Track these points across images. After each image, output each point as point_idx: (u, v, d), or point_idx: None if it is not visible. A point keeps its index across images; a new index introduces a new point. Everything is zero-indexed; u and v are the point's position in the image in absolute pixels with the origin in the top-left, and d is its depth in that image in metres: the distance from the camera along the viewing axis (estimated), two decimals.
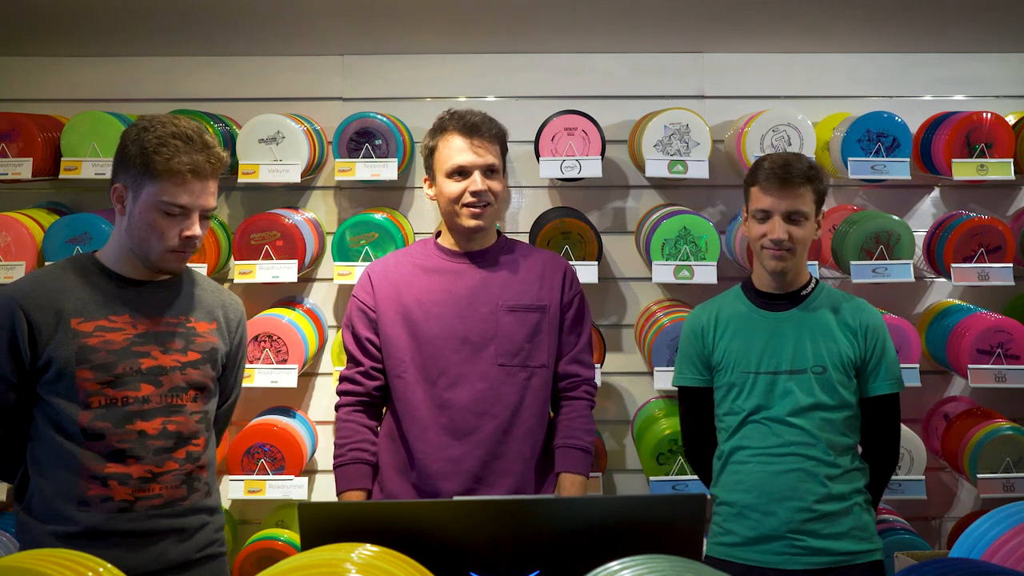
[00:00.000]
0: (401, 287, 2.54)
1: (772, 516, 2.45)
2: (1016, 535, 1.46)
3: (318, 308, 3.48)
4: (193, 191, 2.08)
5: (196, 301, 2.25)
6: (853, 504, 2.47)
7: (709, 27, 3.32)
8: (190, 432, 2.17)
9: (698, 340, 2.61)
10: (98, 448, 2.07)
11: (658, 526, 1.64)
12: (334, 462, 2.54)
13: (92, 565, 1.33)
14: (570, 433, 2.56)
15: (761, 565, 2.44)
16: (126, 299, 2.15)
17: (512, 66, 3.54)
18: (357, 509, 1.72)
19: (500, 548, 1.57)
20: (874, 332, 2.53)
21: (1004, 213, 3.54)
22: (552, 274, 2.59)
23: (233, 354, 2.33)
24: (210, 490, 2.23)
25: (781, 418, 2.47)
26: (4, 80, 3.52)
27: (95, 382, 2.07)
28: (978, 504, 3.51)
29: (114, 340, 2.10)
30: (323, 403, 3.52)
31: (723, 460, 2.56)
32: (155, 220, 2.08)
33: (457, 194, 2.49)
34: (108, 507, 2.07)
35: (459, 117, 2.52)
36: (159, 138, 2.06)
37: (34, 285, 2.12)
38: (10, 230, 3.11)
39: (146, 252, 2.12)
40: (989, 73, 3.59)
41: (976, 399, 3.47)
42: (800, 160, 2.51)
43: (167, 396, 2.14)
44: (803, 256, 2.54)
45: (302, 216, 3.37)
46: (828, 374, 2.48)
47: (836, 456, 2.46)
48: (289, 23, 3.23)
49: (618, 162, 3.53)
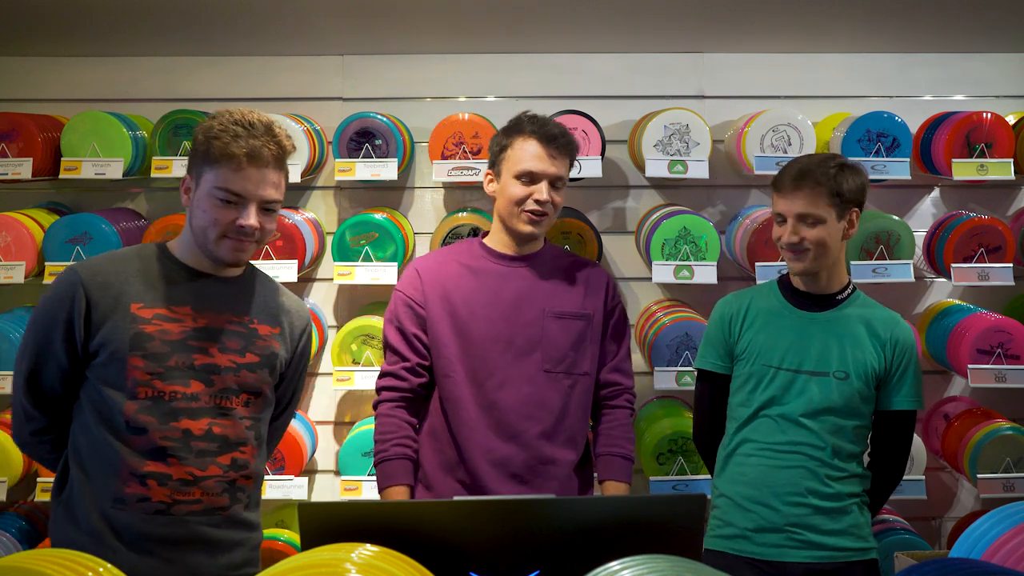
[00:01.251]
0: (449, 286, 2.54)
1: (771, 509, 2.46)
2: (1016, 535, 1.46)
3: (318, 308, 3.48)
4: (249, 178, 2.01)
5: (262, 303, 2.18)
6: (851, 503, 2.49)
7: (709, 27, 3.32)
8: (237, 438, 2.09)
9: (725, 327, 2.61)
10: (140, 444, 2.00)
11: (658, 526, 1.64)
12: (376, 458, 2.52)
13: (92, 565, 1.33)
14: (613, 441, 2.59)
15: (759, 557, 2.46)
16: (191, 291, 2.09)
17: (512, 66, 3.54)
18: (357, 509, 1.72)
19: (500, 548, 1.57)
20: (903, 348, 2.52)
21: (1004, 213, 3.54)
22: (596, 283, 2.62)
23: (295, 363, 2.25)
24: (251, 503, 2.15)
25: (792, 416, 2.47)
26: (4, 80, 3.52)
27: (145, 371, 2.00)
28: (978, 504, 3.51)
29: (171, 331, 2.04)
30: (323, 403, 3.52)
31: (728, 452, 2.57)
32: (211, 208, 2.02)
33: (521, 197, 2.50)
34: (144, 508, 2.00)
35: (540, 123, 2.53)
36: (221, 125, 2.03)
37: (101, 263, 2.07)
38: (10, 230, 3.11)
39: (203, 242, 2.06)
40: (989, 73, 3.59)
41: (976, 399, 3.47)
42: (824, 162, 2.48)
43: (217, 396, 2.06)
44: (830, 259, 2.51)
45: (302, 216, 3.37)
46: (850, 381, 2.47)
47: (841, 461, 2.47)
48: (289, 23, 3.23)
49: (618, 162, 3.53)
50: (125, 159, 3.17)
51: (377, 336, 3.20)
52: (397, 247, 3.22)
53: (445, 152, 3.24)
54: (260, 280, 2.23)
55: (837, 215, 2.47)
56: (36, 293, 3.35)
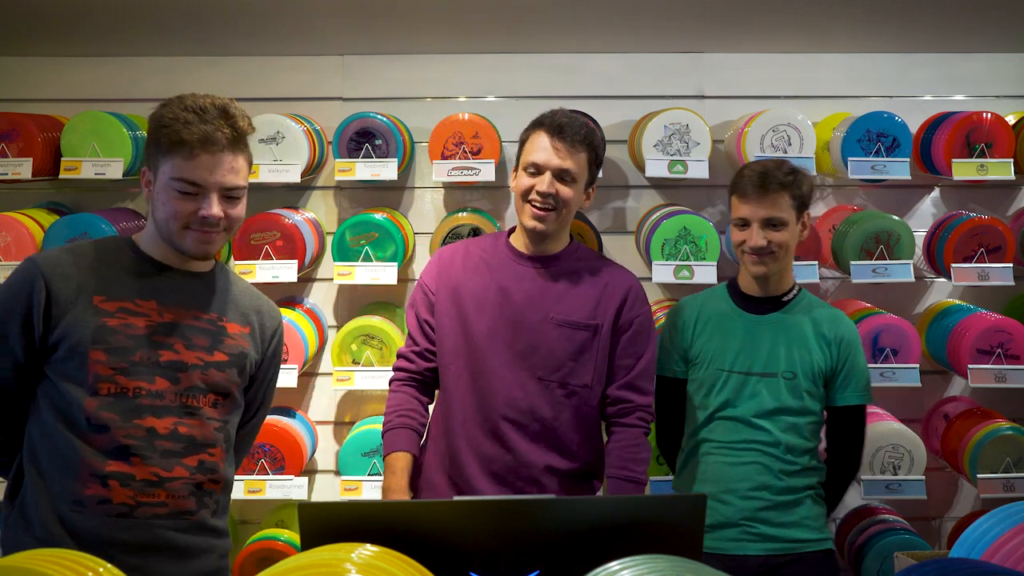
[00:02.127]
0: (461, 279, 2.54)
1: (727, 504, 2.54)
2: (1016, 535, 1.46)
3: (318, 308, 3.48)
4: (204, 165, 1.91)
5: (232, 301, 2.09)
6: (805, 496, 2.57)
7: (709, 27, 3.32)
8: (205, 439, 1.99)
9: (678, 333, 2.69)
10: (101, 442, 1.90)
11: (658, 526, 1.64)
12: (382, 429, 2.54)
13: (92, 565, 1.33)
14: (621, 464, 2.47)
15: (717, 552, 2.51)
16: (157, 285, 2.00)
17: (512, 66, 3.54)
18: (357, 509, 1.71)
19: (500, 548, 1.57)
20: (847, 344, 2.60)
21: (1004, 213, 3.54)
22: (613, 292, 2.51)
23: (265, 365, 2.16)
24: (219, 510, 2.05)
25: (745, 418, 2.56)
26: (4, 80, 3.52)
27: (108, 366, 1.91)
28: (978, 504, 3.50)
29: (136, 324, 1.94)
30: (323, 403, 3.52)
31: (687, 452, 2.66)
32: (170, 200, 1.93)
33: (525, 189, 2.46)
34: (105, 510, 1.89)
35: (552, 115, 2.48)
36: (172, 112, 1.92)
37: (62, 254, 1.98)
38: (10, 230, 3.11)
39: (168, 235, 1.97)
40: (989, 73, 3.59)
41: (976, 399, 3.47)
42: (780, 167, 2.55)
43: (183, 395, 1.97)
44: (786, 260, 2.60)
45: (302, 216, 3.37)
46: (797, 380, 2.56)
47: (794, 457, 2.56)
48: (289, 23, 3.23)
49: (618, 162, 3.53)
50: (125, 159, 3.17)
51: (377, 336, 3.21)
52: (397, 247, 3.22)
53: (445, 152, 3.24)
54: (230, 278, 2.14)
55: (796, 217, 2.55)
56: None
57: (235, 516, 3.45)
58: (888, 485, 3.13)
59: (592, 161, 2.49)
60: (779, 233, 2.53)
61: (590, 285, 2.51)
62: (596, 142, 2.50)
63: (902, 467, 3.16)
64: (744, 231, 2.56)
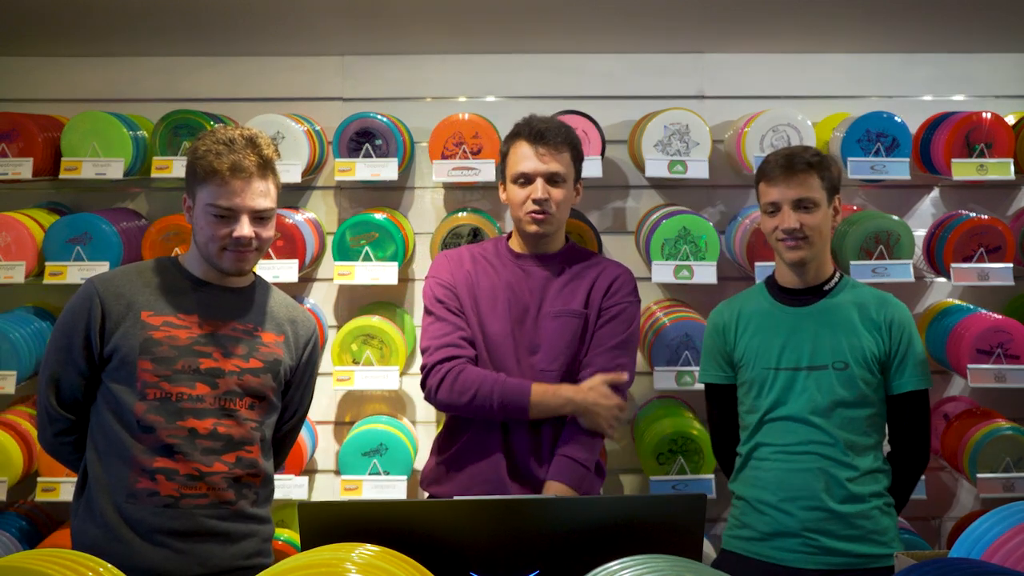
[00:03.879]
0: (474, 278, 2.58)
1: (788, 514, 2.44)
2: (1016, 535, 1.46)
3: (318, 308, 3.48)
4: (236, 191, 2.13)
5: (267, 313, 2.30)
6: (872, 507, 2.44)
7: (709, 27, 3.32)
8: (242, 437, 2.19)
9: (720, 337, 2.61)
10: (149, 441, 2.12)
11: (658, 526, 1.64)
12: (496, 387, 2.44)
13: (92, 565, 1.33)
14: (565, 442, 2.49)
15: (775, 562, 2.44)
16: (198, 300, 2.22)
17: (512, 66, 3.54)
18: (357, 509, 1.72)
19: (500, 548, 1.57)
20: (899, 326, 2.49)
21: (1004, 213, 3.54)
22: (602, 281, 2.58)
23: (300, 371, 2.35)
24: (259, 500, 2.25)
25: (798, 416, 2.45)
26: (4, 80, 3.52)
27: (153, 374, 2.13)
28: (978, 504, 3.51)
29: (178, 336, 2.17)
30: (323, 403, 3.52)
31: (744, 457, 2.56)
32: (207, 225, 2.16)
33: (520, 200, 2.52)
34: (154, 501, 2.11)
35: (528, 123, 2.54)
36: (205, 145, 2.15)
37: (116, 276, 2.23)
38: (10, 230, 3.11)
39: (207, 256, 2.20)
40: (989, 73, 3.59)
41: (976, 399, 3.47)
42: (806, 150, 2.52)
43: (222, 399, 2.17)
44: (823, 247, 2.51)
45: (302, 216, 3.37)
46: (850, 370, 2.45)
47: (855, 456, 2.44)
48: (289, 23, 3.23)
49: (618, 162, 3.53)
50: (125, 159, 3.17)
51: (377, 336, 3.20)
52: (397, 247, 3.23)
53: (445, 152, 3.24)
54: (267, 291, 2.35)
55: (827, 200, 2.49)
56: (36, 293, 3.35)
57: None
58: None
59: (575, 157, 2.57)
60: (811, 216, 2.45)
61: (585, 278, 2.59)
62: (575, 138, 2.58)
63: None
64: (775, 217, 2.48)
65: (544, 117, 2.59)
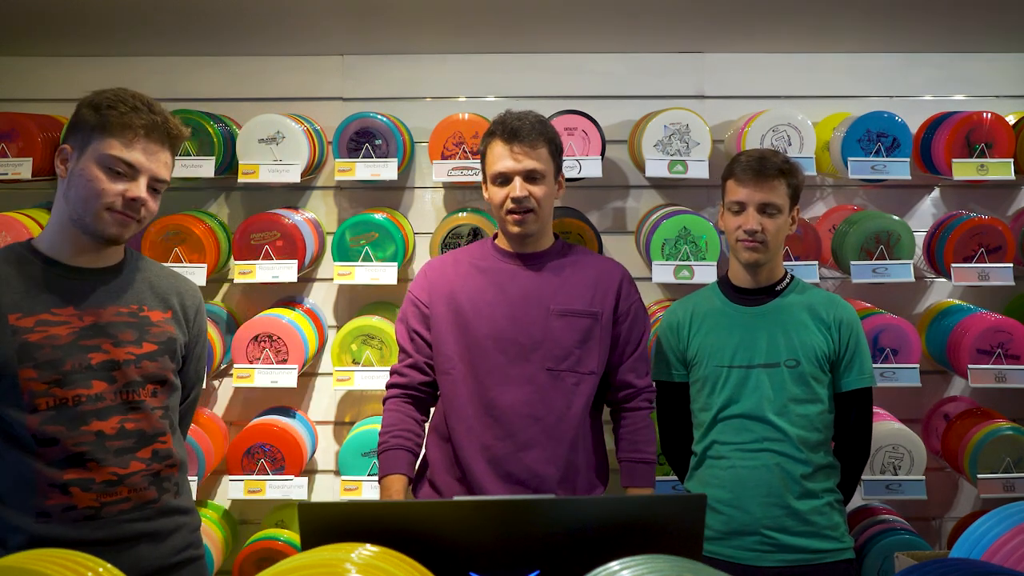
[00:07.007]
0: (456, 285, 2.56)
1: (745, 512, 2.48)
2: (1016, 535, 1.46)
3: (318, 308, 3.48)
4: (145, 150, 1.97)
5: (148, 288, 2.10)
6: (825, 503, 2.51)
7: (709, 27, 3.32)
8: (154, 429, 2.04)
9: (674, 335, 2.67)
10: (53, 454, 1.92)
11: (658, 526, 1.64)
12: (377, 449, 2.55)
13: (92, 565, 1.33)
14: (634, 447, 2.56)
15: (732, 560, 2.48)
16: (69, 289, 1.99)
17: (512, 66, 3.54)
18: (357, 509, 1.71)
19: (500, 548, 1.57)
20: (848, 326, 2.56)
21: (1004, 213, 3.54)
22: (607, 281, 2.57)
23: (192, 343, 2.18)
24: (179, 490, 2.12)
25: (752, 413, 2.50)
26: (4, 80, 3.52)
27: (40, 381, 1.92)
28: (978, 504, 3.51)
29: (58, 335, 1.95)
30: (323, 403, 3.52)
31: (699, 456, 2.60)
32: (97, 175, 1.95)
33: (500, 200, 2.50)
34: (72, 516, 1.93)
35: (502, 122, 2.50)
36: (116, 96, 1.99)
37: None
38: (10, 230, 3.11)
39: (82, 215, 1.96)
40: (989, 73, 3.59)
41: (976, 399, 3.47)
42: (775, 155, 2.55)
43: (123, 392, 2.00)
44: (777, 250, 2.57)
45: (302, 216, 3.37)
46: (801, 367, 2.51)
47: (808, 452, 2.50)
48: (289, 23, 3.23)
49: (618, 162, 3.53)
50: None
51: (377, 336, 3.21)
52: (397, 247, 3.23)
53: (445, 152, 3.24)
54: (141, 264, 2.14)
55: (789, 207, 2.54)
56: None
57: (235, 516, 3.46)
58: (888, 485, 3.13)
59: (553, 152, 2.53)
60: (772, 221, 2.50)
61: (583, 275, 2.57)
62: (551, 132, 2.54)
63: (902, 467, 3.17)
64: (738, 216, 2.53)
65: (518, 113, 2.52)
